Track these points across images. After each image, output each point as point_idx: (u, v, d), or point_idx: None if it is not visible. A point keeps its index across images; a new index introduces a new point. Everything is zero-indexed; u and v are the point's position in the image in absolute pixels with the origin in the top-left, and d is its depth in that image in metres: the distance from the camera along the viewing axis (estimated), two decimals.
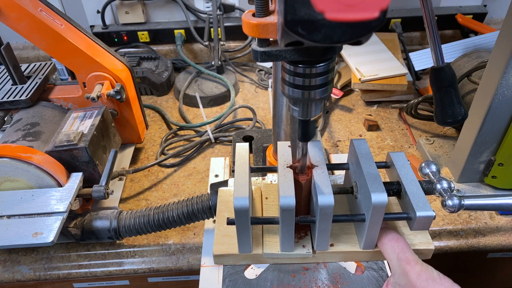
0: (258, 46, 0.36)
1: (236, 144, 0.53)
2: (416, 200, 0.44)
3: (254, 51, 0.36)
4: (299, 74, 0.37)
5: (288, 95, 0.39)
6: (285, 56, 0.35)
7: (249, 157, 0.52)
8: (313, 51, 0.35)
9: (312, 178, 0.47)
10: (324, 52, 0.35)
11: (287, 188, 0.45)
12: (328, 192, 0.43)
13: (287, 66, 0.37)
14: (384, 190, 0.43)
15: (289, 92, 0.38)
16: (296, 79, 0.37)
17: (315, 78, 0.37)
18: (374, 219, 0.44)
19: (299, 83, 0.37)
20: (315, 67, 0.36)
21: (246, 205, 0.44)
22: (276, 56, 0.36)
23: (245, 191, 0.45)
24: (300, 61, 0.36)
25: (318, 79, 0.37)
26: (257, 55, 0.36)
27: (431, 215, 0.43)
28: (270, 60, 0.36)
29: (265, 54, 0.36)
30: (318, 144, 0.51)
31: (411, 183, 0.47)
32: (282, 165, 0.49)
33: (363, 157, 0.48)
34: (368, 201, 0.43)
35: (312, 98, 0.38)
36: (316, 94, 0.38)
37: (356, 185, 0.49)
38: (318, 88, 0.37)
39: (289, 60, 0.36)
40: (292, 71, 0.37)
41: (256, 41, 0.36)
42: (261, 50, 0.36)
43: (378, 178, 0.45)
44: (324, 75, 0.37)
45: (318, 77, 0.37)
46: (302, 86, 0.37)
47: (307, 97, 0.38)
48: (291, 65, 0.37)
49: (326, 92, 0.38)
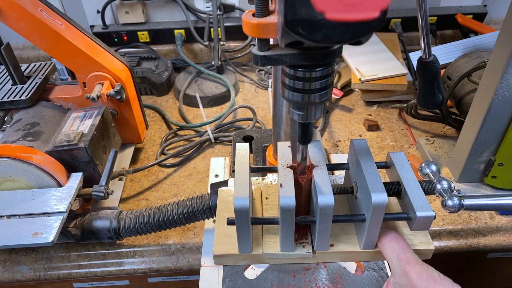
0: (258, 51, 0.36)
1: (236, 144, 0.53)
2: (416, 200, 0.45)
3: (254, 55, 0.36)
4: (299, 78, 0.37)
5: (288, 98, 0.39)
6: (285, 60, 0.35)
7: (249, 157, 0.52)
8: (313, 55, 0.35)
9: (312, 178, 0.47)
10: (324, 56, 0.35)
11: (287, 188, 0.45)
12: (328, 192, 0.43)
13: (287, 70, 0.37)
14: (384, 190, 0.43)
15: (289, 95, 0.39)
16: (296, 82, 0.37)
17: (315, 82, 0.37)
18: (374, 219, 0.44)
19: (299, 87, 0.37)
20: (315, 71, 0.36)
21: (246, 205, 0.44)
22: (276, 60, 0.36)
23: (245, 191, 0.45)
24: (300, 65, 0.36)
25: (318, 83, 0.37)
26: (258, 60, 0.36)
27: (431, 215, 0.43)
28: (270, 64, 0.36)
29: (265, 58, 0.36)
30: (318, 144, 0.51)
31: (411, 183, 0.47)
32: (282, 165, 0.49)
33: (363, 157, 0.48)
34: (368, 201, 0.43)
35: (312, 101, 0.38)
36: (316, 97, 0.38)
37: (356, 185, 0.49)
38: (318, 92, 0.37)
39: (289, 64, 0.36)
40: (292, 75, 0.37)
41: (256, 45, 0.36)
42: (261, 54, 0.36)
43: (378, 178, 0.45)
44: (324, 79, 0.37)
45: (318, 81, 0.37)
46: (302, 89, 0.37)
47: (307, 100, 0.38)
48: (291, 69, 0.37)
49: (325, 96, 0.38)
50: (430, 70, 0.57)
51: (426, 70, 0.57)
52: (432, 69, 0.57)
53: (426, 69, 0.57)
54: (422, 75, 0.58)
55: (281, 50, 0.35)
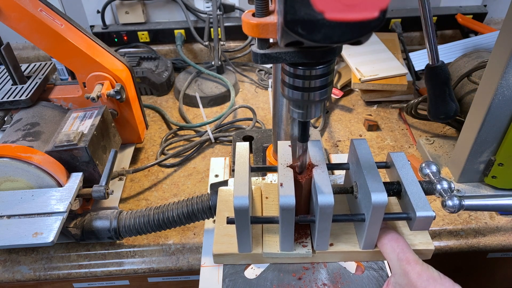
0: (258, 48, 0.36)
1: (236, 144, 0.53)
2: (416, 200, 0.44)
3: (254, 53, 0.36)
4: (299, 76, 0.37)
5: (288, 97, 0.39)
6: (285, 58, 0.35)
7: (249, 157, 0.52)
8: (313, 53, 0.35)
9: (312, 177, 0.47)
10: (324, 54, 0.35)
11: (287, 187, 0.45)
12: (328, 192, 0.43)
13: (287, 68, 0.37)
14: (384, 190, 0.43)
15: (289, 94, 0.39)
16: (296, 81, 0.37)
17: (315, 80, 0.37)
18: (374, 219, 0.44)
19: (299, 85, 0.37)
20: (315, 69, 0.36)
21: (246, 204, 0.44)
22: (276, 58, 0.35)
23: (245, 190, 0.45)
24: (300, 63, 0.36)
25: (318, 81, 0.37)
26: (257, 58, 0.36)
27: (431, 215, 0.43)
28: (270, 62, 0.36)
29: (265, 56, 0.36)
30: (318, 144, 0.51)
31: (411, 183, 0.46)
32: (282, 164, 0.49)
33: (363, 157, 0.48)
34: (368, 201, 0.43)
35: (312, 100, 0.38)
36: (316, 96, 0.38)
37: (356, 185, 0.49)
38: (318, 90, 0.37)
39: (289, 62, 0.36)
40: (292, 73, 0.37)
41: (256, 43, 0.36)
42: (261, 52, 0.36)
43: (378, 178, 0.45)
44: (324, 77, 0.37)
45: (318, 79, 0.37)
46: (302, 88, 0.37)
47: (306, 99, 0.38)
48: (291, 67, 0.37)
49: (325, 94, 0.38)
50: (439, 76, 0.54)
51: (435, 76, 0.54)
52: (441, 75, 0.54)
53: (435, 75, 0.54)
54: (431, 82, 0.55)
55: (281, 48, 0.35)
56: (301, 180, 0.47)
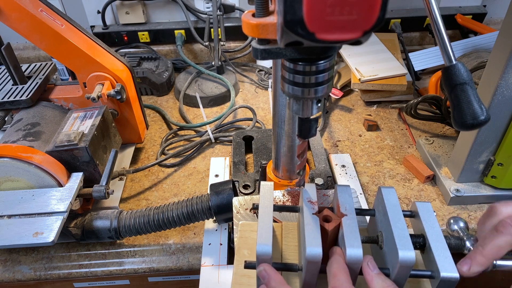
0: (258, 44, 0.36)
1: (261, 183, 0.50)
2: (441, 259, 0.42)
3: (254, 49, 0.36)
4: (299, 72, 0.37)
5: (288, 93, 0.39)
6: (285, 54, 0.35)
7: (273, 197, 0.48)
8: (313, 49, 0.35)
9: (341, 227, 0.44)
10: (324, 50, 0.35)
11: (313, 238, 0.42)
12: (357, 246, 0.41)
13: (287, 64, 0.37)
14: (412, 249, 0.41)
15: (288, 90, 0.39)
16: (296, 76, 0.37)
17: (315, 76, 0.37)
18: (399, 276, 0.42)
19: (299, 81, 0.37)
20: (315, 65, 0.36)
21: (269, 253, 0.42)
22: (276, 54, 0.36)
23: (268, 238, 0.42)
24: (300, 59, 0.36)
25: (318, 77, 0.37)
26: (257, 53, 0.36)
27: (456, 277, 0.41)
28: (270, 58, 0.36)
29: (265, 52, 0.36)
30: (348, 190, 0.48)
31: (436, 238, 0.44)
32: (308, 211, 0.45)
33: (391, 208, 0.45)
34: (395, 257, 0.41)
35: (312, 96, 0.38)
36: (316, 92, 0.38)
37: (381, 234, 0.46)
38: (318, 86, 0.37)
39: (289, 58, 0.36)
40: (292, 68, 0.37)
41: (256, 39, 0.36)
42: (261, 48, 0.36)
43: (405, 233, 0.42)
44: (324, 72, 0.37)
45: (318, 75, 0.37)
46: (302, 84, 0.37)
47: (306, 95, 0.38)
48: (291, 63, 0.37)
49: (325, 90, 0.38)
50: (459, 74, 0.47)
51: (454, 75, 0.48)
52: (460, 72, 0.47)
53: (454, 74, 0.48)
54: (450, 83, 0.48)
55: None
56: (327, 228, 0.44)
